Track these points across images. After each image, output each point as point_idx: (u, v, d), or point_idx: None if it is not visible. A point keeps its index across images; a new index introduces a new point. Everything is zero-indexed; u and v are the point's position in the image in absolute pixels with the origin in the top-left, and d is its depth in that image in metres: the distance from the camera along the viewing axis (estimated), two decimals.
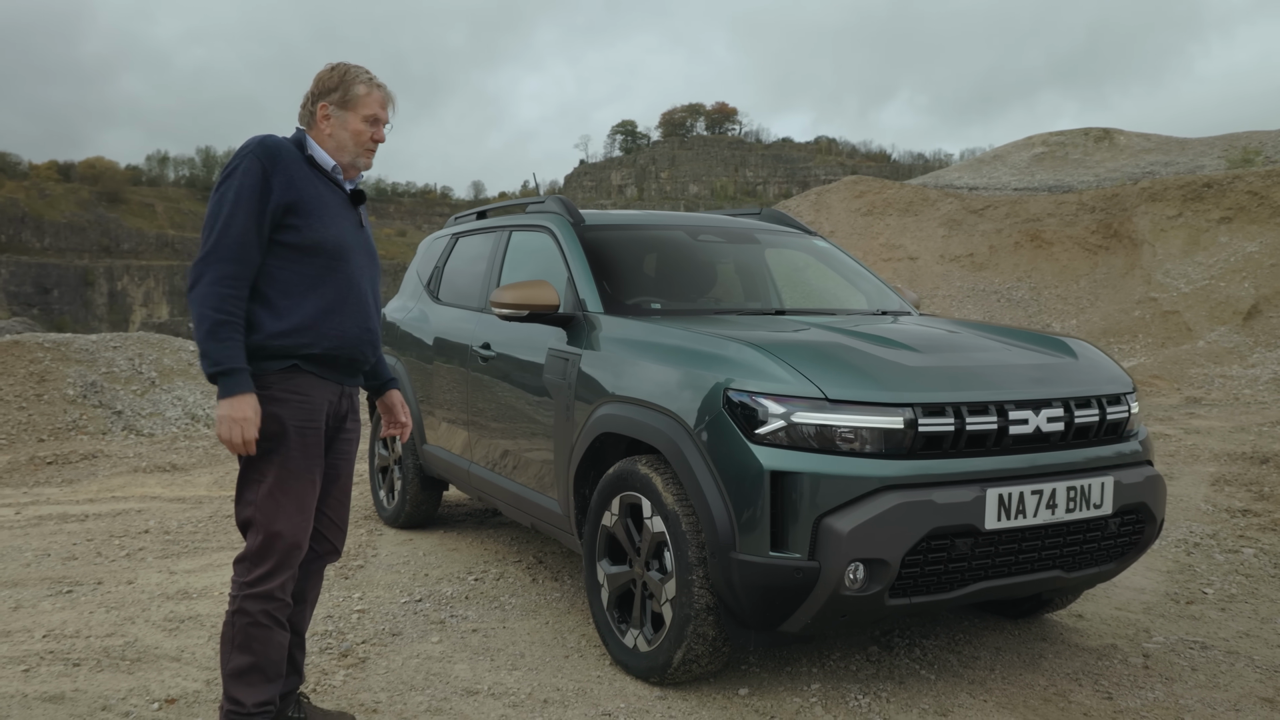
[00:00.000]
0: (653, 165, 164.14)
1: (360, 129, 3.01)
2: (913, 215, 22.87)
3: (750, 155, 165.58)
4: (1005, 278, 21.49)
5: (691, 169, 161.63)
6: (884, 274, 22.00)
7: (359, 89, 3.01)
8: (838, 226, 22.76)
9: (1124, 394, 3.70)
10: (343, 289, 2.97)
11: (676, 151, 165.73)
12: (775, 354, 3.36)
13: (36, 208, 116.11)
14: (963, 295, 20.99)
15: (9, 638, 4.04)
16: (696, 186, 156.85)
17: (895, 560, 3.12)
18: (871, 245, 22.43)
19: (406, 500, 5.76)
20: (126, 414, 9.98)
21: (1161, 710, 3.50)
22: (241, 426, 2.75)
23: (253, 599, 2.89)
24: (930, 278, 21.72)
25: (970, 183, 26.46)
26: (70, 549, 5.42)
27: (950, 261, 22.03)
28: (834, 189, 24.08)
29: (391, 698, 3.51)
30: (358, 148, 3.02)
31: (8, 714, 3.31)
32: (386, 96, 3.08)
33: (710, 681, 3.65)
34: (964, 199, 23.10)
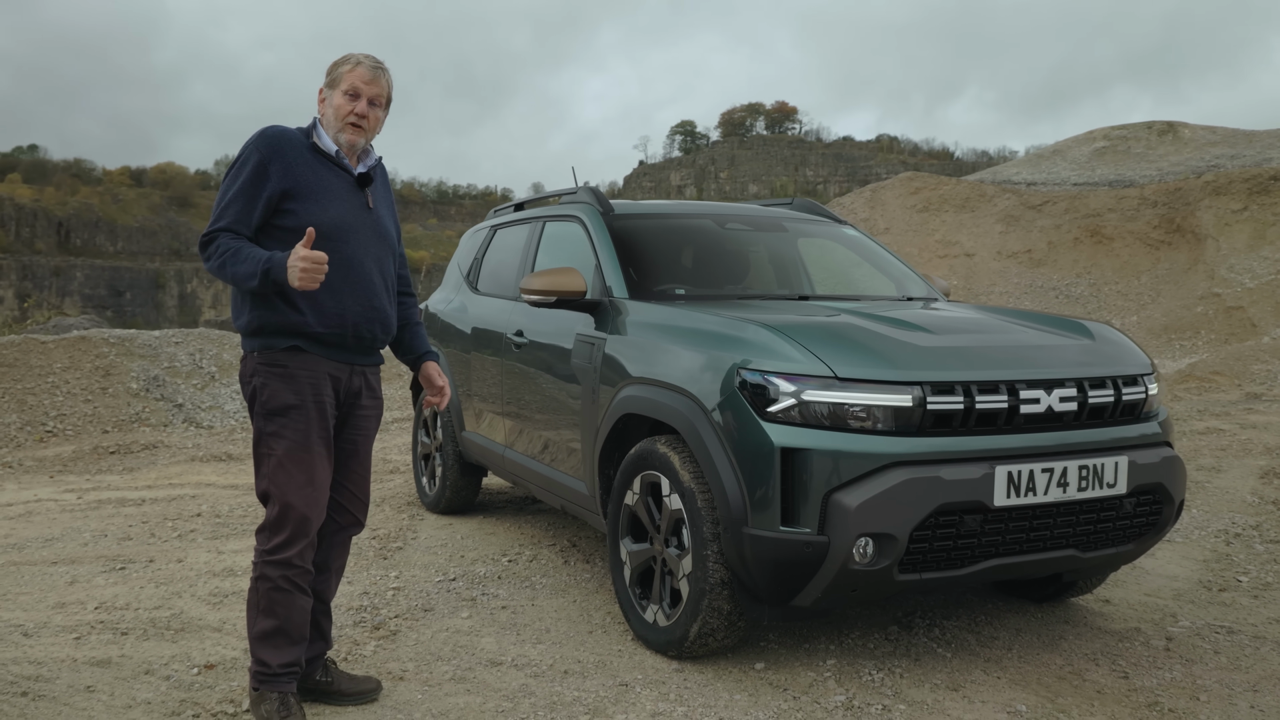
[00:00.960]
0: (712, 165, 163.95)
1: (340, 104, 3.13)
2: (969, 211, 22.65)
3: (810, 154, 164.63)
4: (1064, 274, 21.19)
5: (751, 169, 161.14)
6: (939, 271, 21.82)
7: (343, 68, 3.15)
8: (893, 223, 22.63)
9: (1141, 375, 3.71)
10: (343, 269, 3.10)
11: (736, 151, 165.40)
12: (787, 334, 3.44)
13: (110, 212, 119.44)
14: (1020, 292, 20.74)
15: (63, 609, 4.26)
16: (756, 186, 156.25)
17: (903, 535, 3.18)
18: (927, 242, 22.26)
19: (447, 486, 5.92)
20: (187, 407, 10.31)
21: (1177, 690, 3.50)
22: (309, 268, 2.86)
23: (272, 565, 3.04)
24: (987, 274, 21.49)
25: (1029, 178, 26.11)
26: (126, 530, 5.66)
27: (1008, 258, 21.77)
28: (889, 185, 23.93)
29: (419, 667, 3.65)
30: (339, 122, 3.14)
31: (57, 675, 3.50)
32: (373, 73, 3.16)
33: (727, 655, 3.73)
34: (1022, 195, 22.82)
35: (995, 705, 3.34)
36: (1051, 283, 20.96)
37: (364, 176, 3.26)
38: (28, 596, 4.42)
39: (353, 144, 3.19)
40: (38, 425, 8.99)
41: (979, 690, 3.46)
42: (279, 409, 3.06)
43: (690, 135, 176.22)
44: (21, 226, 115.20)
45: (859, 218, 22.82)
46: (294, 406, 3.06)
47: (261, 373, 3.07)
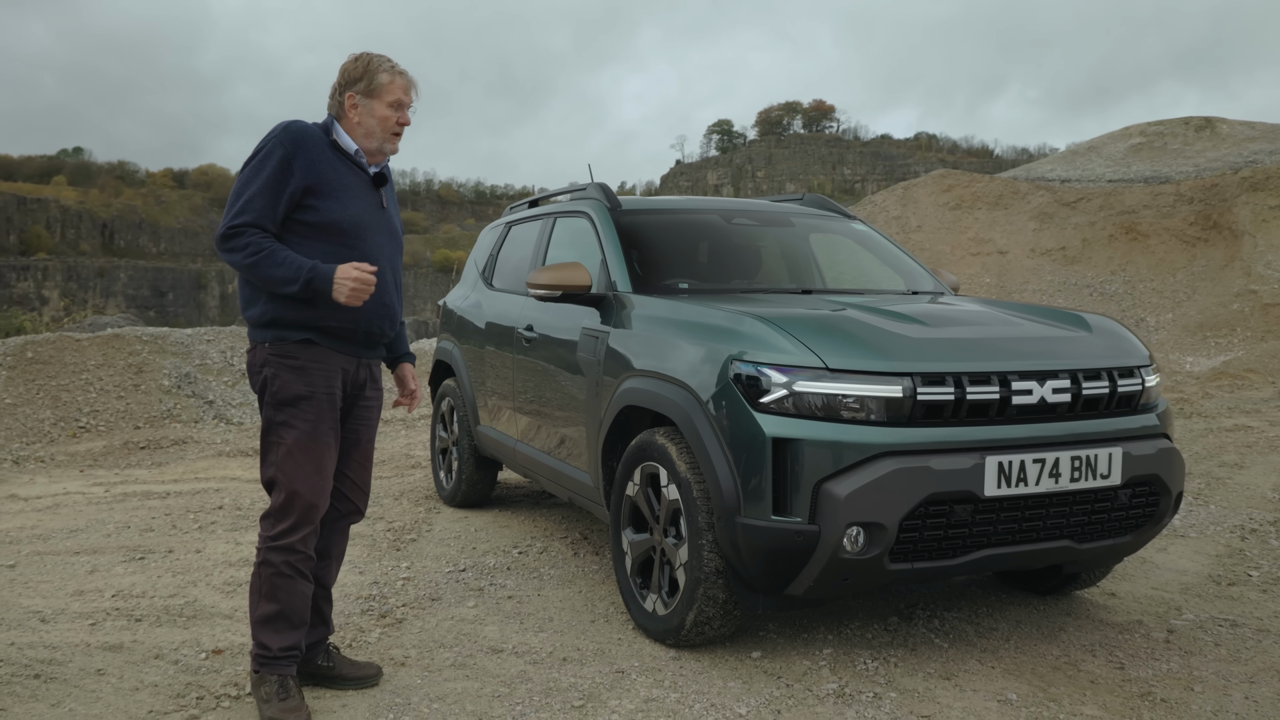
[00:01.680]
0: (749, 164, 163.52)
1: (386, 115, 3.22)
2: (1002, 209, 22.46)
3: (848, 153, 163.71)
4: (1098, 271, 20.97)
5: (788, 167, 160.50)
6: (972, 269, 21.68)
7: (383, 77, 3.21)
8: (925, 221, 22.49)
9: (1138, 367, 3.71)
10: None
11: (773, 150, 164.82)
12: (780, 326, 3.47)
13: (153, 214, 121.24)
14: (1053, 289, 20.55)
15: (81, 596, 4.38)
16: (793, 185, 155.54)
17: (892, 524, 3.20)
18: (960, 240, 22.11)
19: (462, 480, 6.00)
20: (218, 403, 10.48)
21: (1171, 680, 3.50)
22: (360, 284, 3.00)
23: (276, 551, 3.12)
24: (1020, 272, 21.31)
25: (1063, 175, 25.83)
26: (149, 522, 5.79)
27: (1041, 255, 21.58)
28: (921, 183, 23.78)
29: (421, 653, 3.72)
30: (384, 133, 3.23)
31: (70, 659, 3.61)
32: (409, 82, 3.28)
33: (725, 644, 3.77)
34: (1056, 192, 22.59)
35: (986, 694, 3.36)
36: (1085, 280, 20.75)
37: (379, 176, 3.34)
38: (48, 584, 4.55)
39: (393, 152, 3.28)
40: (71, 421, 9.19)
41: (971, 679, 3.48)
42: (290, 399, 3.14)
43: (727, 134, 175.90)
44: (67, 228, 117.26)
45: (890, 215, 22.71)
46: (305, 397, 3.14)
47: (273, 363, 3.15)
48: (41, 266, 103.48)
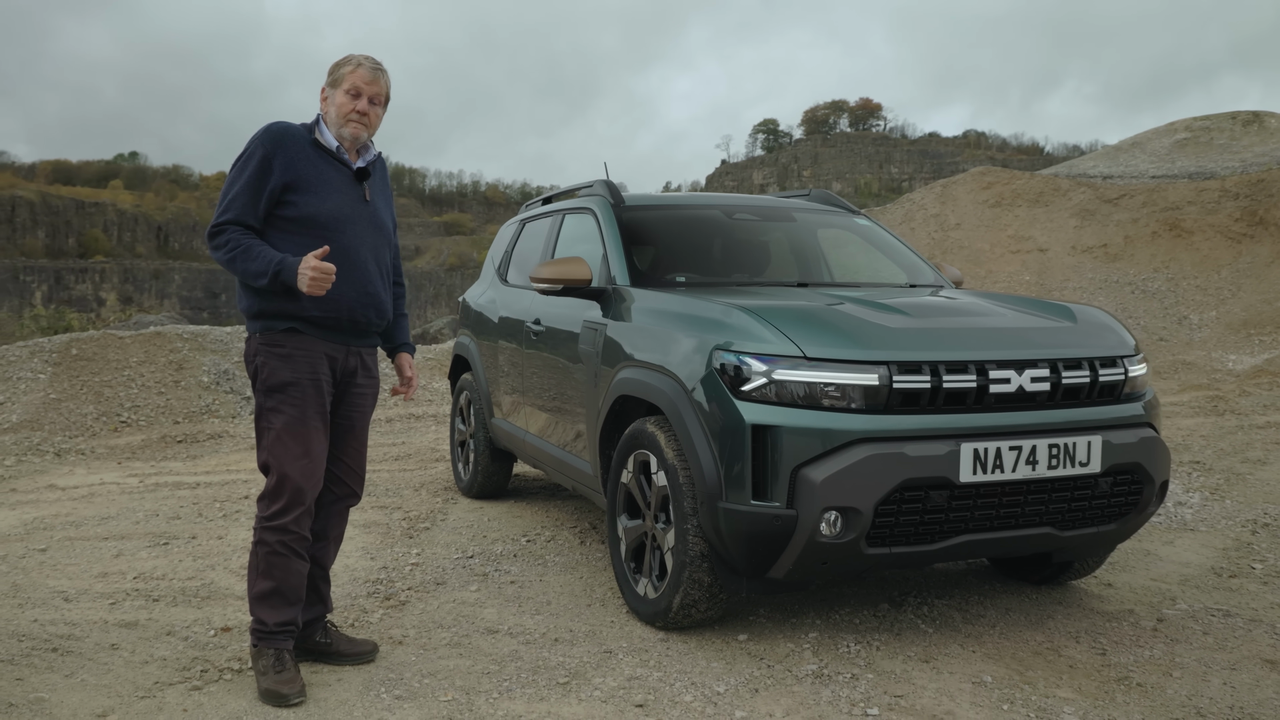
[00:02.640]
0: (795, 164, 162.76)
1: (343, 101, 3.37)
2: (1043, 206, 22.24)
3: (895, 151, 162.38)
4: (1141, 269, 20.68)
5: (834, 166, 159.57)
6: (1012, 266, 21.50)
7: (345, 68, 3.38)
8: (964, 218, 22.33)
9: (1121, 357, 3.75)
10: (340, 257, 3.32)
11: (819, 149, 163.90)
12: (761, 317, 3.57)
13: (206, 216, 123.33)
14: (1094, 287, 20.31)
15: (105, 578, 4.58)
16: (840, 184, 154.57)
17: (867, 509, 3.28)
18: (999, 237, 21.92)
19: (479, 471, 6.15)
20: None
21: (1152, 666, 3.54)
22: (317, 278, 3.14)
23: (270, 531, 3.28)
24: (1060, 270, 21.09)
25: (1106, 171, 25.50)
26: (177, 510, 6.01)
27: (1082, 253, 21.33)
28: (960, 180, 23.61)
29: (419, 633, 3.86)
30: (341, 119, 3.37)
31: (87, 635, 3.80)
32: (372, 73, 3.39)
33: (713, 627, 3.87)
34: (1098, 188, 22.33)
35: (962, 676, 3.43)
36: (1128, 278, 20.49)
37: (361, 171, 3.48)
38: (75, 567, 4.76)
39: (355, 137, 3.42)
40: (113, 416, 9.48)
41: (950, 662, 3.54)
42: (278, 386, 3.29)
43: (773, 134, 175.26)
44: (123, 231, 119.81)
45: (929, 213, 22.58)
46: (291, 384, 3.29)
47: (263, 352, 3.32)
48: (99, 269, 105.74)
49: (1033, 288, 20.34)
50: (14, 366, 10.02)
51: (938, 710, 3.16)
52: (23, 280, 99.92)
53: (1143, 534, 5.39)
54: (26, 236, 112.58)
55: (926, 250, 21.67)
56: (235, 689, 3.32)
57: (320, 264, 3.15)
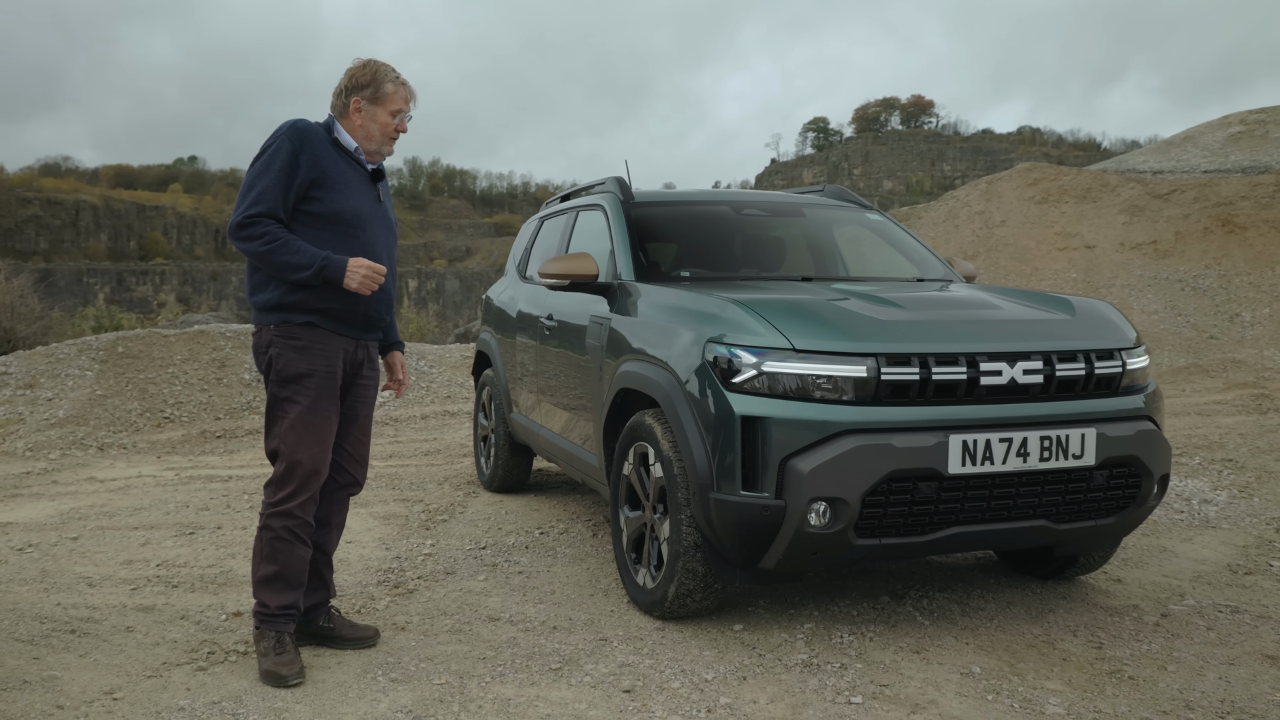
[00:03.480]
0: (845, 162, 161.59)
1: (387, 121, 3.48)
2: (1090, 202, 21.91)
3: (948, 149, 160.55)
4: (1192, 265, 20.31)
5: (885, 164, 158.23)
6: (1059, 264, 21.21)
7: (388, 87, 3.47)
8: (1009, 215, 22.07)
9: (1118, 349, 3.74)
10: (359, 254, 3.43)
11: (870, 147, 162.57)
12: (753, 310, 3.61)
13: None
14: (1143, 285, 19.99)
15: (129, 565, 4.73)
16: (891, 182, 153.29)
17: (854, 500, 3.31)
18: (1045, 234, 21.64)
19: (499, 465, 6.24)
20: None
21: (1147, 660, 3.53)
22: (371, 275, 3.33)
23: (276, 516, 3.38)
24: (1108, 267, 20.77)
25: (1156, 166, 25.02)
26: (206, 502, 6.17)
27: (1131, 250, 20.99)
28: (1005, 177, 23.32)
29: (423, 620, 3.96)
30: (383, 137, 3.50)
31: (105, 618, 3.94)
32: (410, 93, 3.54)
33: (710, 617, 3.91)
34: (1147, 183, 21.96)
35: (951, 667, 3.44)
36: (1178, 274, 20.12)
37: (377, 172, 3.59)
38: (102, 554, 4.92)
39: (390, 154, 3.55)
40: (156, 412, 9.72)
41: (941, 654, 3.56)
42: (293, 376, 3.40)
43: (823, 132, 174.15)
44: (182, 234, 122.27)
45: (974, 210, 22.34)
46: (307, 375, 3.40)
47: (278, 344, 3.42)
48: (159, 271, 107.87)
49: (1079, 285, 20.06)
50: (63, 364, 10.32)
51: (921, 699, 3.18)
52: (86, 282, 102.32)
53: (1161, 530, 5.34)
54: (90, 240, 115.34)
55: (971, 248, 21.46)
56: (239, 670, 3.43)
57: (374, 265, 3.31)
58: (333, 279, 3.30)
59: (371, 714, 3.09)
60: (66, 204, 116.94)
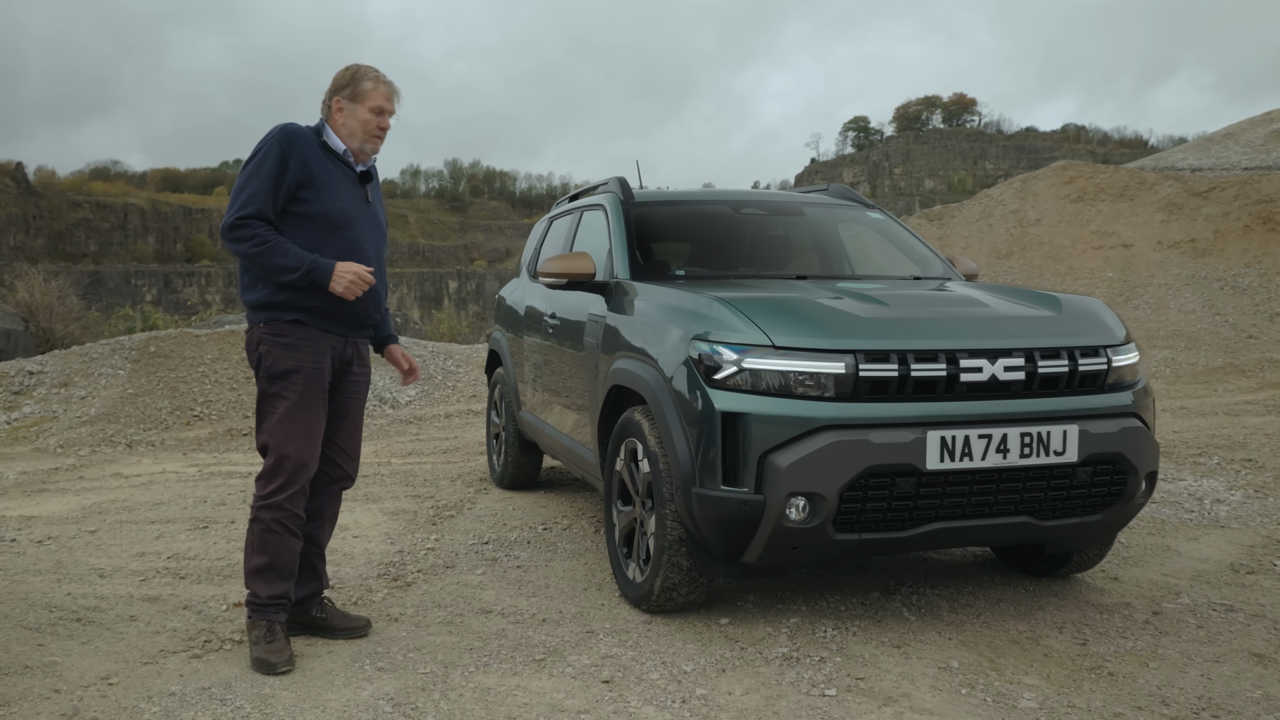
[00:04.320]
0: (886, 161, 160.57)
1: (367, 118, 3.57)
2: (1127, 200, 21.64)
3: (990, 147, 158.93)
4: (1231, 264, 20.00)
5: (927, 163, 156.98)
6: (1094, 263, 20.97)
7: (366, 84, 3.56)
8: (1044, 214, 21.85)
9: (1104, 346, 3.73)
10: (345, 253, 3.52)
11: (911, 146, 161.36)
12: (736, 308, 3.65)
13: None
14: (1180, 284, 19.72)
15: (142, 557, 4.87)
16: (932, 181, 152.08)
17: (832, 495, 3.35)
18: (1081, 233, 21.41)
19: (509, 462, 6.33)
20: None
21: (1129, 657, 3.53)
22: (358, 280, 3.43)
23: (266, 509, 3.48)
24: (1145, 265, 20.51)
25: (1195, 164, 24.69)
26: (224, 497, 6.31)
27: (1169, 248, 20.71)
28: (1040, 175, 23.09)
29: (417, 612, 4.04)
30: (365, 134, 3.58)
31: (111, 607, 4.06)
32: (390, 90, 3.62)
33: (698, 611, 3.96)
34: (1186, 181, 21.65)
35: (930, 661, 3.46)
36: (1216, 273, 19.83)
37: (365, 174, 3.68)
38: (117, 547, 5.06)
39: (374, 152, 3.63)
40: (186, 410, 9.93)
41: (921, 649, 3.58)
42: (282, 373, 3.50)
43: (864, 131, 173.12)
44: None
45: (1008, 209, 22.15)
46: (295, 371, 3.49)
47: (267, 341, 3.52)
48: (205, 273, 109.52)
49: (1115, 284, 19.84)
50: (96, 363, 10.56)
51: (895, 693, 3.21)
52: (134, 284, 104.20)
53: (1167, 529, 5.31)
54: (138, 242, 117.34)
55: (1005, 247, 21.28)
56: (232, 658, 3.53)
57: (361, 270, 3.41)
58: (319, 282, 3.40)
59: (355, 701, 3.18)
60: (115, 207, 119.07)
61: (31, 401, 9.84)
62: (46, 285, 14.04)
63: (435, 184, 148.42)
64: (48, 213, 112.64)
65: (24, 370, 10.41)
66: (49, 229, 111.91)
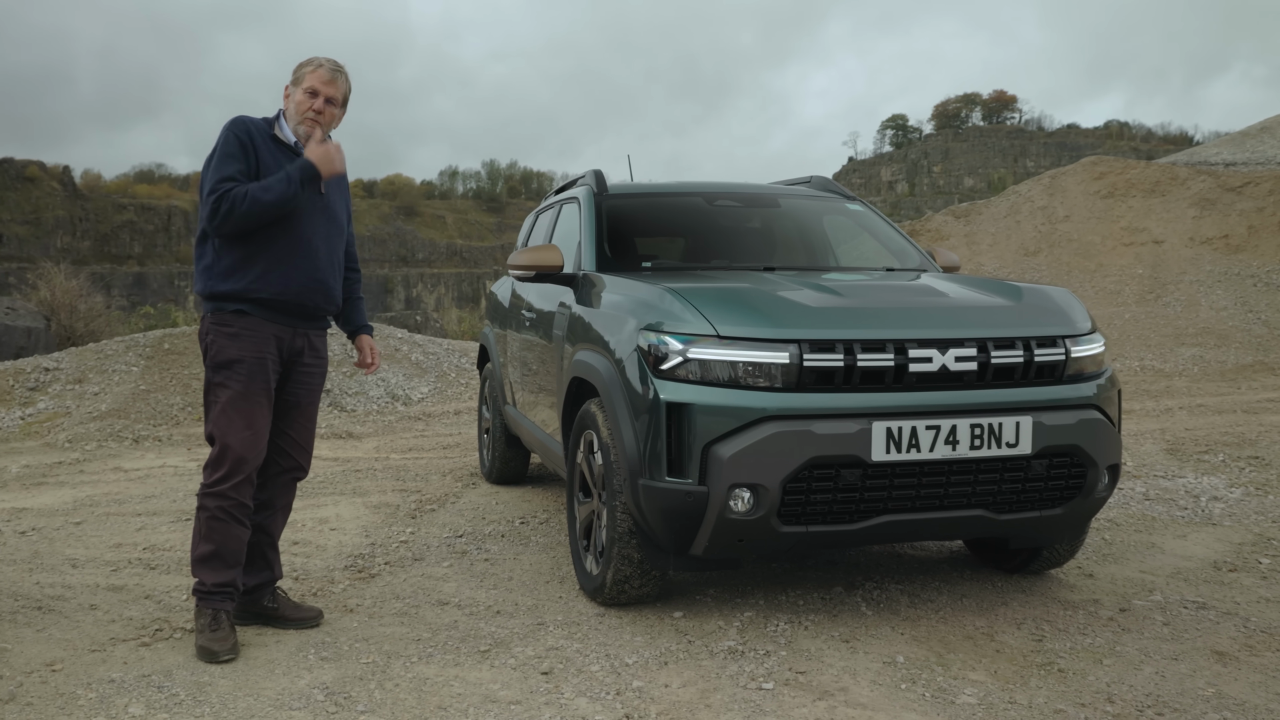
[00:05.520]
0: (924, 159, 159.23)
1: (301, 100, 3.60)
2: (1159, 196, 21.28)
3: (1031, 144, 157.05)
4: (1265, 260, 19.61)
5: (966, 161, 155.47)
6: (1124, 259, 20.65)
7: (305, 69, 3.61)
8: (1073, 210, 21.54)
9: (1062, 336, 3.66)
10: (292, 244, 3.53)
11: (950, 144, 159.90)
12: (684, 298, 3.61)
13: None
14: (1212, 280, 19.36)
15: (118, 548, 4.92)
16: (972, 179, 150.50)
17: (774, 486, 3.30)
18: (1111, 229, 21.08)
19: (495, 457, 6.32)
20: (334, 392, 11.20)
21: (1084, 654, 3.45)
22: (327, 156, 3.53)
23: (211, 497, 3.49)
24: (1177, 262, 20.16)
25: (1229, 158, 24.19)
26: None
27: (1201, 244, 20.34)
28: (1070, 171, 22.75)
29: (375, 603, 4.04)
30: (299, 115, 3.61)
31: (76, 596, 4.10)
32: (328, 74, 3.62)
33: (653, 604, 3.93)
34: (1219, 176, 21.25)
35: (875, 656, 3.40)
36: (1250, 270, 19.44)
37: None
38: (97, 538, 5.12)
39: (310, 134, 3.63)
40: (197, 406, 10.02)
41: (870, 643, 3.52)
42: (224, 363, 3.52)
43: (902, 129, 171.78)
44: None
45: (1036, 205, 21.85)
46: (237, 361, 3.51)
47: (213, 331, 3.55)
48: None
49: (1145, 281, 19.52)
50: (110, 360, 10.71)
51: (832, 687, 3.16)
52: (177, 285, 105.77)
53: (1156, 526, 5.20)
54: (181, 244, 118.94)
55: (1033, 244, 21.01)
56: (180, 646, 3.55)
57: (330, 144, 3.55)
58: (310, 177, 3.49)
59: (290, 690, 3.18)
60: (159, 209, 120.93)
61: (46, 397, 9.99)
62: (67, 284, 14.28)
63: (473, 185, 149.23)
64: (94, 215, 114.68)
65: (40, 367, 10.58)
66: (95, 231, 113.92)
